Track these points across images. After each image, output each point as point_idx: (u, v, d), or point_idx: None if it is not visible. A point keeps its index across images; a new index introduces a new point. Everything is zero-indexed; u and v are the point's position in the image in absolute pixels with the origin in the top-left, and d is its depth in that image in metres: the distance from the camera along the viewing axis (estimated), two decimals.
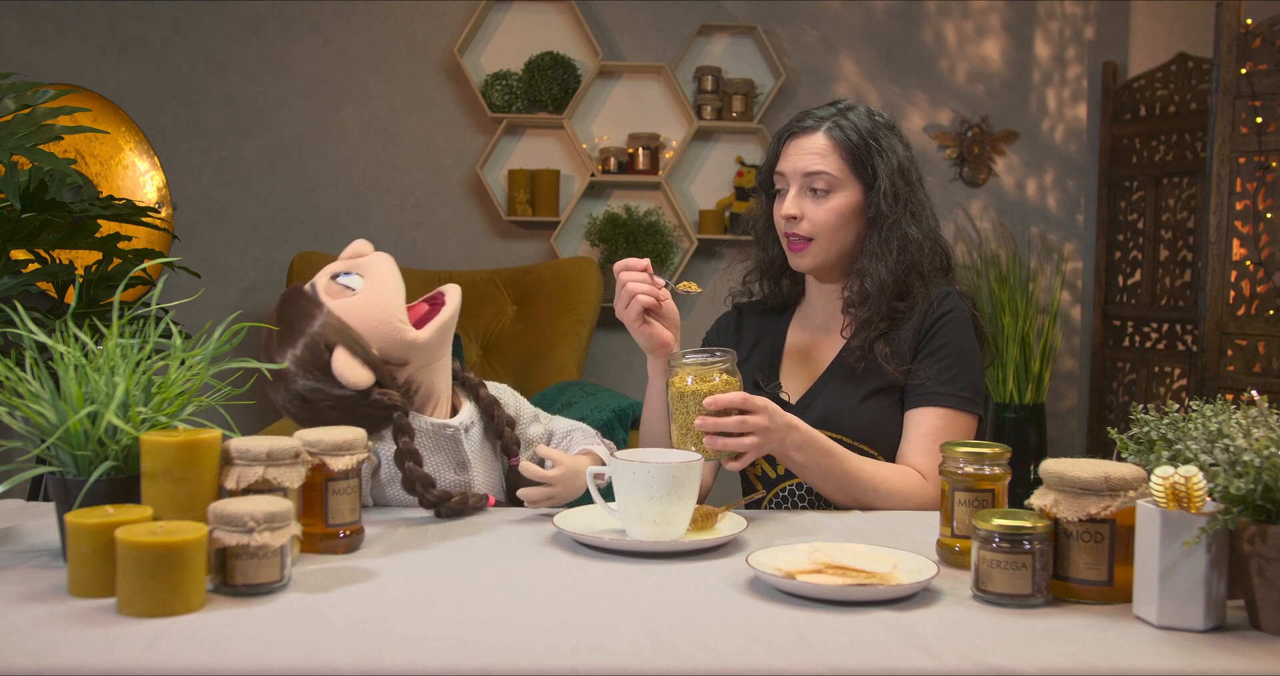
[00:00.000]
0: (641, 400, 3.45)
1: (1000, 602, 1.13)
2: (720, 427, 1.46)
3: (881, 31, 4.17)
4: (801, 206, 1.73)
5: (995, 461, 1.29)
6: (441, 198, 4.10)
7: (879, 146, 1.73)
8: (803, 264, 1.76)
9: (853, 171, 1.72)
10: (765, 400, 1.52)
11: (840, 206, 1.72)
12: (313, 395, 1.48)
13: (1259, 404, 1.11)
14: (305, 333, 1.48)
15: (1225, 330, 3.33)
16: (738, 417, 1.47)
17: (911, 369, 1.70)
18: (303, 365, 1.47)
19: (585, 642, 1.00)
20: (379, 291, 1.52)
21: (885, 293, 1.72)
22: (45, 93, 2.19)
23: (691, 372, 1.48)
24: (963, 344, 1.72)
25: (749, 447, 1.48)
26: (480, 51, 4.10)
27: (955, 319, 1.73)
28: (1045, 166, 4.26)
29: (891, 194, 1.72)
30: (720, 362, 1.49)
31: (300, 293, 1.53)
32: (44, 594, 1.11)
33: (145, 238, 3.37)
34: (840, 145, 1.72)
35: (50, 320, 2.21)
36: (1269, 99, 3.24)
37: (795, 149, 1.75)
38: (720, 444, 1.47)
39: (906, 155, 1.76)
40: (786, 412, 1.57)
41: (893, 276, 1.72)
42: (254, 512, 1.11)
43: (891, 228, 1.72)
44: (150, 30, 3.99)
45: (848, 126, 1.73)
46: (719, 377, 1.48)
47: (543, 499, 1.50)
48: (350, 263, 1.56)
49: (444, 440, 1.55)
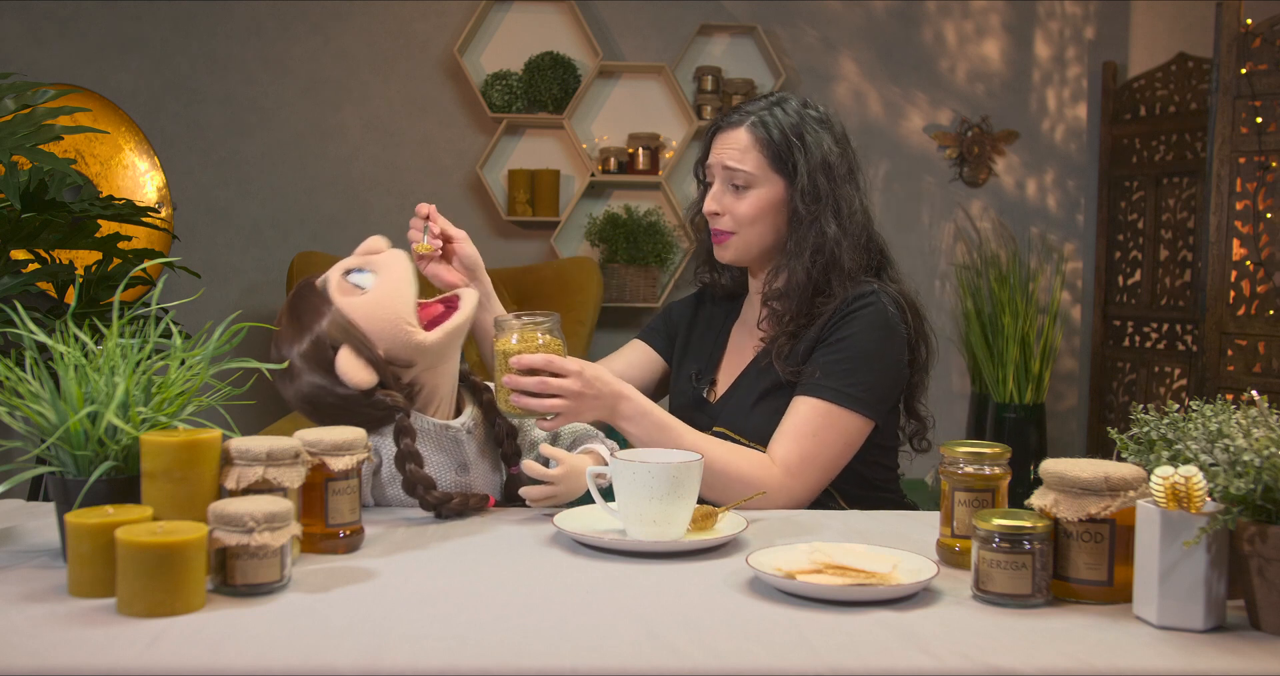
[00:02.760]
0: None
1: (1000, 602, 1.13)
2: (520, 386, 1.50)
3: (881, 31, 4.17)
4: (721, 201, 1.75)
5: (995, 461, 1.29)
6: (441, 198, 4.10)
7: (801, 143, 1.72)
8: (724, 256, 1.78)
9: (773, 167, 1.72)
10: (581, 366, 1.53)
11: (758, 200, 1.73)
12: (315, 393, 1.48)
13: (1259, 404, 1.11)
14: (313, 329, 1.48)
15: (1225, 330, 3.33)
16: (540, 379, 1.50)
17: (805, 364, 1.68)
18: (308, 361, 1.47)
19: (585, 642, 1.00)
20: (389, 291, 1.51)
21: (800, 291, 1.71)
22: (45, 93, 2.19)
23: (515, 333, 1.52)
24: (865, 342, 1.66)
25: (554, 409, 1.51)
26: (480, 51, 4.10)
27: (865, 317, 1.67)
28: (1045, 166, 4.26)
29: (811, 191, 1.71)
30: (542, 324, 1.53)
31: (311, 288, 1.53)
32: (44, 594, 1.11)
33: (145, 238, 3.37)
34: (760, 142, 1.72)
35: (50, 320, 2.21)
36: (1269, 99, 3.24)
37: (720, 143, 1.76)
38: (525, 403, 1.51)
39: (835, 150, 1.74)
40: (619, 382, 1.58)
41: (807, 274, 1.70)
42: (254, 512, 1.11)
43: (810, 225, 1.71)
44: (150, 30, 3.99)
45: (771, 122, 1.73)
46: (542, 338, 1.52)
47: (545, 498, 1.50)
48: (363, 259, 1.56)
49: (446, 441, 1.55)
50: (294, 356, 1.47)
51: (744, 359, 1.81)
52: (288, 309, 1.52)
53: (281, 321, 1.51)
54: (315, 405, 1.49)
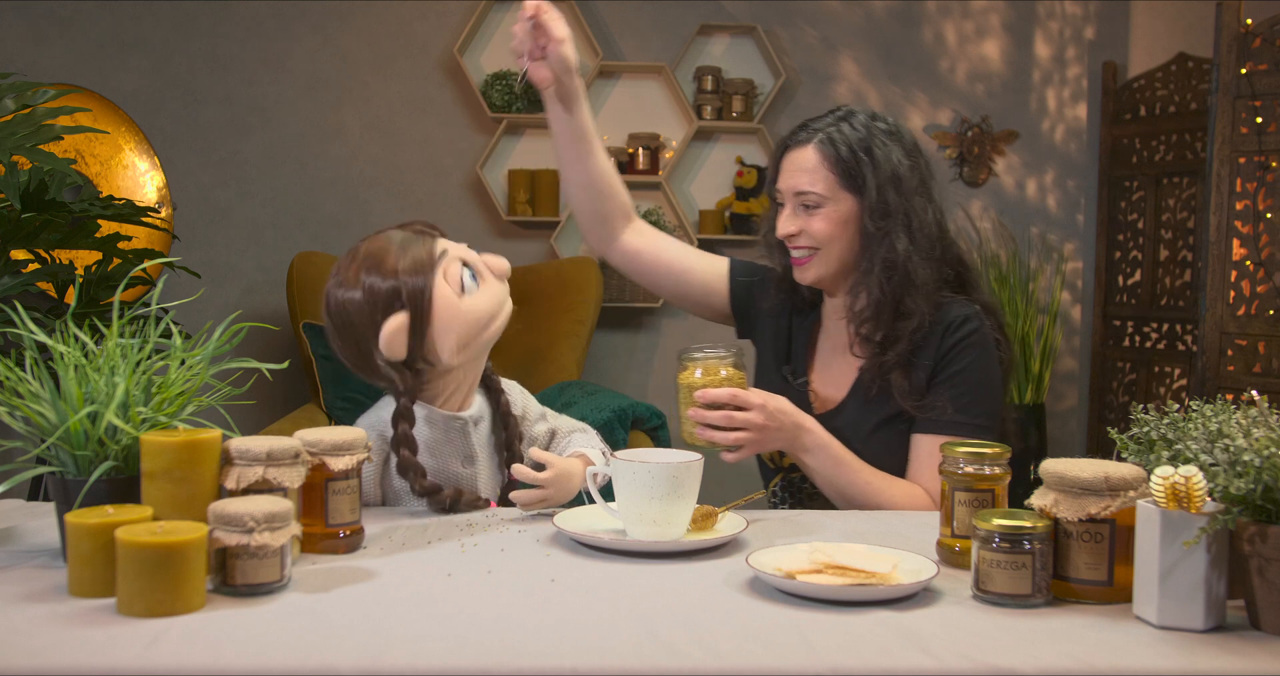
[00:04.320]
0: (639, 399, 3.46)
1: (1000, 602, 1.13)
2: (706, 420, 1.51)
3: (881, 31, 4.17)
4: (797, 222, 1.72)
5: (995, 461, 1.29)
6: (441, 198, 4.10)
7: (870, 158, 1.69)
8: (805, 277, 1.75)
9: (842, 185, 1.70)
10: (764, 398, 1.53)
11: (831, 218, 1.70)
12: (339, 318, 1.49)
13: (1259, 404, 1.11)
14: (397, 277, 1.47)
15: (1225, 330, 3.33)
16: (726, 413, 1.50)
17: (926, 396, 1.67)
18: (368, 296, 1.47)
19: (585, 642, 1.00)
20: (479, 315, 1.52)
21: (881, 310, 1.68)
22: (45, 93, 2.19)
23: (699, 366, 1.53)
24: (981, 372, 1.68)
25: (739, 442, 1.52)
26: (480, 51, 4.10)
27: (975, 344, 1.69)
28: (1045, 166, 4.26)
29: (880, 207, 1.68)
30: (726, 358, 1.54)
31: (427, 244, 1.51)
32: (44, 594, 1.11)
33: (145, 238, 3.37)
34: (829, 160, 1.70)
35: (50, 320, 2.21)
36: (1269, 99, 3.24)
37: (789, 164, 1.74)
38: (710, 436, 1.52)
39: (905, 162, 1.71)
40: (800, 413, 1.57)
41: (883, 292, 1.68)
42: (254, 512, 1.11)
43: (880, 241, 1.69)
44: (150, 30, 3.99)
45: (839, 139, 1.70)
46: (725, 371, 1.53)
47: (535, 501, 1.50)
48: (484, 266, 1.55)
49: (453, 432, 1.56)
50: (366, 278, 1.47)
51: (840, 376, 1.79)
52: (392, 242, 1.50)
53: (384, 244, 1.50)
54: (335, 315, 1.50)
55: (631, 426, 3.18)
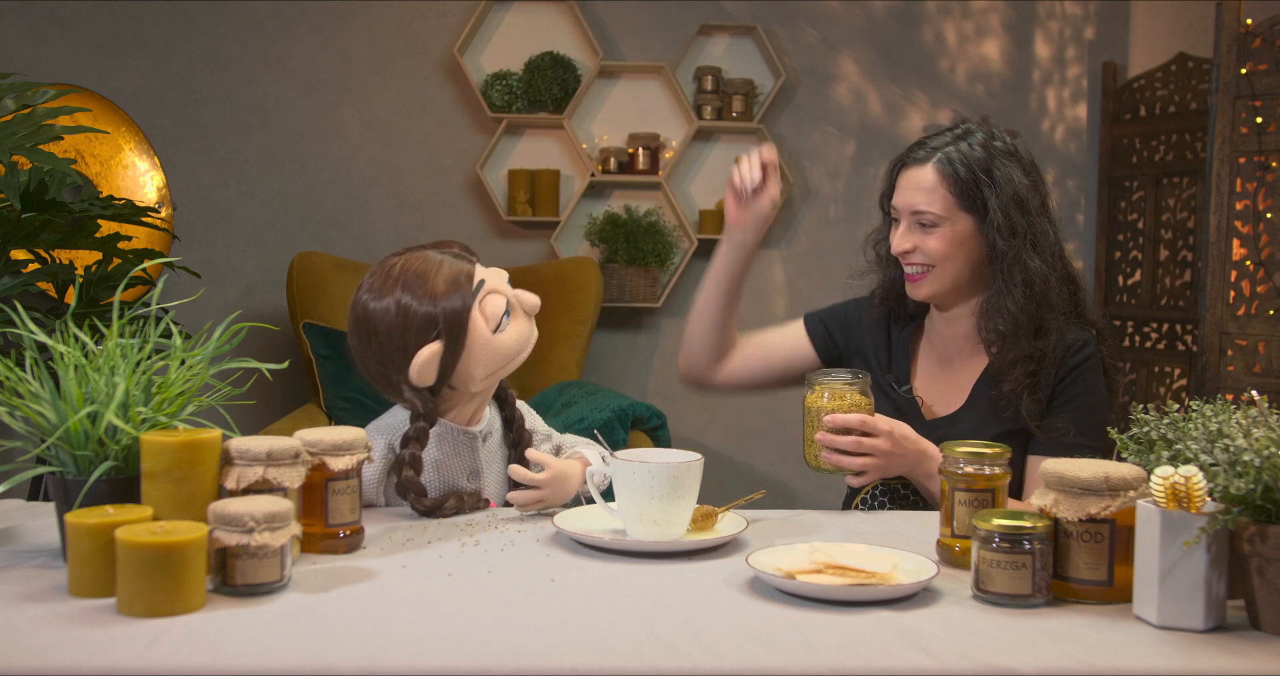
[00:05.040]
0: (639, 399, 3.45)
1: (1000, 602, 1.13)
2: (835, 445, 1.53)
3: (881, 31, 4.17)
4: (912, 239, 1.73)
5: (995, 461, 1.29)
6: (441, 198, 4.10)
7: (990, 179, 1.70)
8: (919, 294, 1.77)
9: (961, 205, 1.71)
10: (891, 425, 1.55)
11: (948, 237, 1.72)
12: (365, 327, 1.49)
13: (1259, 404, 1.11)
14: (435, 304, 1.48)
15: (1225, 330, 3.33)
16: (854, 438, 1.53)
17: (1046, 417, 1.70)
18: (402, 314, 1.47)
19: (585, 642, 1.00)
20: (507, 349, 1.53)
21: (1021, 331, 1.69)
22: (45, 93, 2.19)
23: (827, 390, 1.55)
24: (1097, 394, 1.73)
25: (865, 467, 1.54)
26: (480, 51, 4.10)
27: (1091, 368, 1.73)
28: (1045, 166, 4.25)
29: (1007, 227, 1.69)
30: (854, 385, 1.56)
31: (465, 270, 1.51)
32: (44, 594, 1.11)
33: (145, 238, 3.37)
34: (948, 179, 1.71)
35: (50, 320, 2.21)
36: (1269, 99, 3.24)
37: (906, 182, 1.75)
38: (835, 460, 1.54)
39: (1025, 182, 1.73)
40: (924, 440, 1.60)
41: (1024, 312, 1.69)
42: (254, 512, 1.11)
43: (1012, 262, 1.70)
44: (150, 30, 3.99)
45: (958, 159, 1.71)
46: (851, 398, 1.55)
47: (531, 503, 1.50)
48: (516, 304, 1.55)
49: (461, 445, 1.56)
50: (403, 296, 1.47)
51: (949, 386, 1.80)
52: (439, 266, 1.49)
53: (424, 265, 1.49)
54: (361, 323, 1.50)
55: (631, 426, 3.18)
